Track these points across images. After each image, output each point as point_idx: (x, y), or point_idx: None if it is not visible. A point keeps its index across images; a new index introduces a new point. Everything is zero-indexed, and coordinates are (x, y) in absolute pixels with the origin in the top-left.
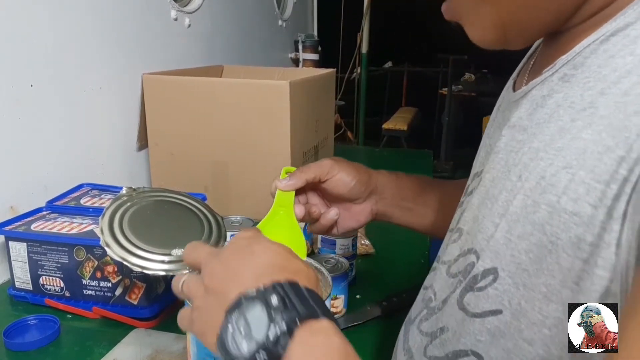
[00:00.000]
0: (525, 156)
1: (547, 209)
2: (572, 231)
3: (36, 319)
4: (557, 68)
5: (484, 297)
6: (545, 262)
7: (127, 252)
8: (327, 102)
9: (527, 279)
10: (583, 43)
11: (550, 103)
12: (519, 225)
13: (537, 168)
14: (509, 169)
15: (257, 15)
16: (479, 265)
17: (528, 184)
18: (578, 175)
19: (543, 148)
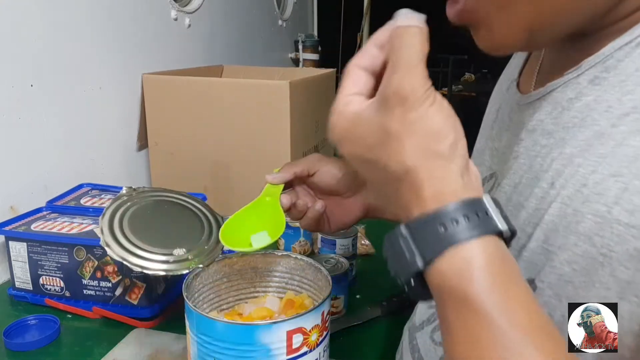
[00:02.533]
0: (556, 162)
1: (594, 219)
2: (630, 244)
3: (36, 319)
4: (583, 70)
5: None
6: (597, 275)
7: (127, 252)
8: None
9: (571, 291)
10: (613, 45)
11: (578, 106)
12: (558, 235)
13: (575, 175)
14: (537, 176)
15: (257, 15)
16: None
17: (565, 192)
18: (632, 184)
19: (579, 154)
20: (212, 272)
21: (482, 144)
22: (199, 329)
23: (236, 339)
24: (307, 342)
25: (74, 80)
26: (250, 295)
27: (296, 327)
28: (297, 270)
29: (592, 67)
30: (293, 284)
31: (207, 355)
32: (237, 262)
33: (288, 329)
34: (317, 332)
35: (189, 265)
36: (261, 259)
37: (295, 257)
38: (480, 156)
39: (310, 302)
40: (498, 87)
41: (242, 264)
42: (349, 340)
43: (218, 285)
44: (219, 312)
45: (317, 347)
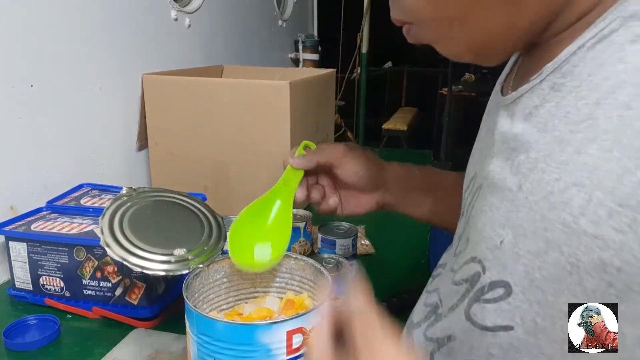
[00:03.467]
0: (523, 166)
1: (562, 229)
2: (595, 254)
3: (36, 319)
4: (544, 76)
5: (494, 310)
6: (565, 282)
7: (127, 252)
8: (327, 102)
9: (542, 296)
10: (568, 50)
11: (542, 112)
12: (528, 240)
13: (541, 182)
14: (505, 177)
15: (257, 16)
16: (486, 276)
17: (533, 197)
18: (595, 196)
19: (542, 159)
20: (212, 272)
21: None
22: (199, 329)
23: (236, 339)
24: (307, 342)
25: (74, 81)
26: (250, 296)
27: (296, 327)
28: (297, 271)
29: (551, 73)
30: (293, 284)
31: (207, 356)
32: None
33: (288, 329)
34: None
35: (189, 266)
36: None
37: (295, 258)
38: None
39: (310, 302)
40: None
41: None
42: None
43: (218, 286)
44: (219, 312)
45: None
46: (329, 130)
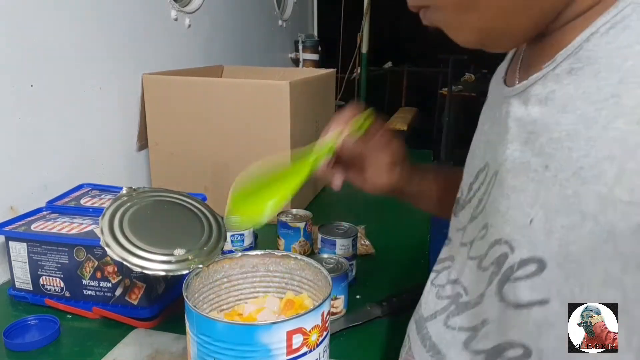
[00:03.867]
0: (546, 147)
1: (597, 200)
2: (632, 220)
3: (36, 319)
4: (558, 62)
5: (528, 287)
6: (601, 251)
7: (127, 252)
8: (327, 102)
9: (577, 268)
10: (581, 37)
11: (560, 95)
12: (561, 216)
13: (569, 159)
14: (528, 160)
15: (257, 16)
16: (515, 255)
17: (563, 175)
18: (628, 165)
19: (567, 138)
20: (212, 272)
21: (477, 139)
22: (199, 329)
23: (236, 339)
24: (307, 343)
25: (74, 81)
26: (250, 296)
27: (296, 328)
28: (297, 271)
29: (565, 59)
30: (293, 284)
31: (207, 356)
32: (237, 262)
33: (288, 329)
34: (317, 332)
35: (189, 266)
36: (261, 259)
37: (295, 258)
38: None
39: (310, 302)
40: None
41: (242, 264)
42: (349, 340)
43: (218, 286)
44: (219, 312)
45: (317, 347)
46: None
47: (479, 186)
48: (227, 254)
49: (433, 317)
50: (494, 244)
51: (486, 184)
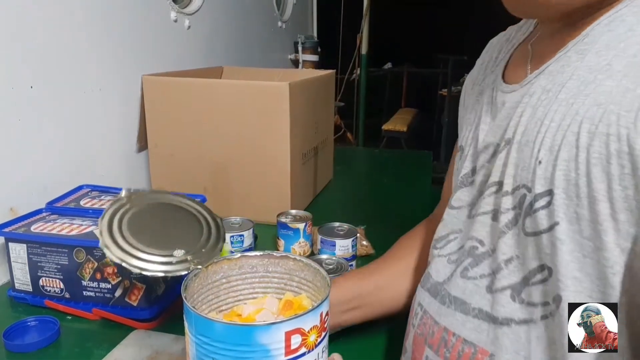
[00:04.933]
0: (554, 105)
1: (587, 135)
2: (611, 147)
3: (36, 321)
4: (569, 47)
5: (544, 215)
6: (592, 173)
7: (126, 253)
8: (327, 103)
9: (577, 189)
10: (588, 29)
11: (568, 70)
12: (563, 151)
13: (569, 110)
14: (540, 119)
15: (257, 17)
16: (532, 194)
17: (565, 122)
18: (609, 108)
19: (572, 97)
20: (211, 273)
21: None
22: (198, 329)
23: (234, 339)
24: (305, 343)
25: (73, 82)
26: (249, 296)
27: (294, 328)
28: (296, 271)
29: (575, 45)
30: (292, 285)
31: (205, 356)
32: (237, 262)
33: (286, 330)
34: (315, 332)
35: (188, 267)
36: (260, 260)
37: (294, 258)
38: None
39: (308, 303)
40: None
41: (241, 265)
42: (349, 340)
43: (217, 286)
44: (217, 313)
45: (315, 347)
46: (329, 132)
47: (483, 164)
48: (226, 255)
49: (450, 278)
50: (513, 191)
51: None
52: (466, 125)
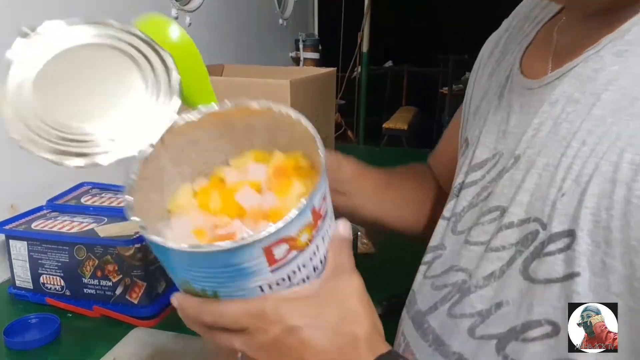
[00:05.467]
0: (586, 123)
1: (630, 167)
2: None
3: (37, 318)
4: (603, 45)
5: (559, 261)
6: (633, 217)
7: (32, 132)
8: (328, 101)
9: (608, 235)
10: (631, 22)
11: (603, 75)
12: (593, 184)
13: (608, 132)
14: (565, 137)
15: (258, 15)
16: (547, 231)
17: (600, 147)
18: None
19: (610, 114)
20: (171, 144)
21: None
22: (155, 251)
23: (199, 264)
24: (295, 246)
25: None
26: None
27: (277, 240)
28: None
29: (612, 41)
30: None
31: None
32: (204, 122)
33: (265, 245)
34: (307, 231)
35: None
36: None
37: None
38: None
39: (306, 164)
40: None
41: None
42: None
43: (185, 153)
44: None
45: (310, 243)
46: (330, 130)
47: (484, 175)
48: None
49: (434, 309)
50: (521, 223)
51: (497, 171)
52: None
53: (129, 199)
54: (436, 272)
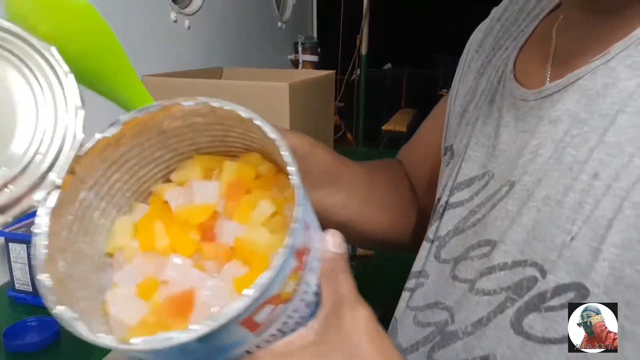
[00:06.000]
0: (597, 152)
1: None
2: None
3: (36, 321)
4: (613, 54)
5: (557, 319)
6: None
7: None
8: (327, 104)
9: (632, 295)
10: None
11: (616, 92)
12: (613, 232)
13: (629, 166)
14: (571, 167)
15: (257, 17)
16: (548, 280)
17: (618, 184)
18: None
19: (628, 143)
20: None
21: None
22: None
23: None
24: (279, 302)
25: None
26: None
27: (257, 308)
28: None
29: (624, 50)
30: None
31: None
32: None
33: (243, 318)
34: (293, 278)
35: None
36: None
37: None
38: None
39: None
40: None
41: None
42: None
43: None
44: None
45: (299, 287)
46: (329, 132)
47: (471, 195)
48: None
49: (414, 348)
50: (513, 265)
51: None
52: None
53: (44, 278)
54: (419, 303)
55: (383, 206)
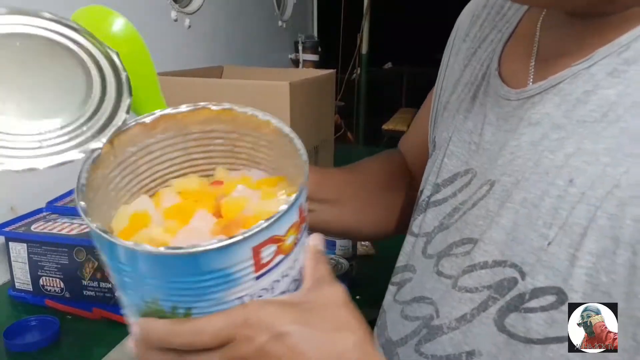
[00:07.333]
0: (574, 158)
1: (635, 226)
2: None
3: (36, 320)
4: (595, 60)
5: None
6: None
7: None
8: (327, 103)
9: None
10: (630, 35)
11: (596, 99)
12: (589, 240)
13: (603, 176)
14: (547, 171)
15: (257, 16)
16: (527, 282)
17: (593, 193)
18: None
19: (605, 152)
20: (120, 149)
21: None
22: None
23: (177, 272)
24: (282, 249)
25: None
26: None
27: (266, 239)
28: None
29: (606, 57)
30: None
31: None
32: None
33: (254, 245)
34: (293, 232)
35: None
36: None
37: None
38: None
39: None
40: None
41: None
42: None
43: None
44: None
45: (295, 247)
46: (329, 131)
47: (455, 192)
48: (140, 118)
49: (403, 342)
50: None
51: (470, 192)
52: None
53: (82, 204)
54: (405, 298)
55: (378, 208)
